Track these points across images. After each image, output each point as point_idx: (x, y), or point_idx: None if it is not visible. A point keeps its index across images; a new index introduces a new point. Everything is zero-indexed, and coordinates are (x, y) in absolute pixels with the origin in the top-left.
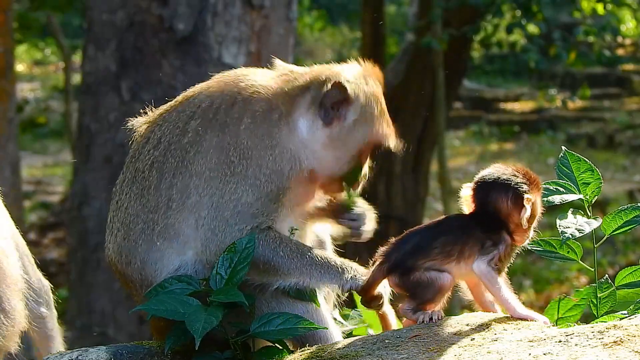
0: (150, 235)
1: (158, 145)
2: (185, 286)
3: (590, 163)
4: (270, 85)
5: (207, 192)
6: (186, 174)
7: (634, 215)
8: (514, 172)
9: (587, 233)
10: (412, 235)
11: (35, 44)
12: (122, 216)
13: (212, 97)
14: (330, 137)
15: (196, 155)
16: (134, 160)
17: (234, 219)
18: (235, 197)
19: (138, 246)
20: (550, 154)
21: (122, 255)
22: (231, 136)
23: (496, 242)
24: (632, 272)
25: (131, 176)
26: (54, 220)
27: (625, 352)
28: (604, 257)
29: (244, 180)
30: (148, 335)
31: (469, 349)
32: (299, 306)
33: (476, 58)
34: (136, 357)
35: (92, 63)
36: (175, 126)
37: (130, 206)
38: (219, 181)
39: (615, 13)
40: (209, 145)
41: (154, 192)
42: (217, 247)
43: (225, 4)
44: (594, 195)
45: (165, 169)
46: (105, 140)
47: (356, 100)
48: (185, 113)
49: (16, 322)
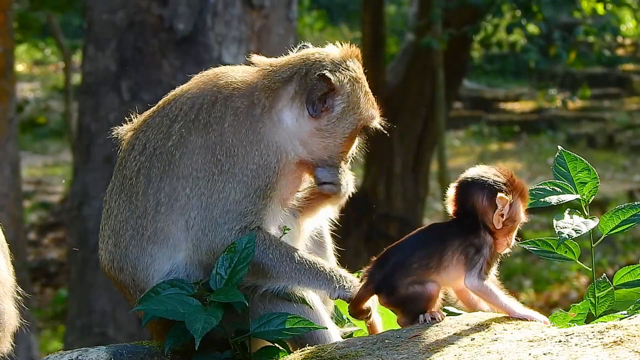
0: (140, 241)
1: (144, 151)
2: (178, 291)
3: (586, 162)
4: (250, 80)
5: (196, 193)
6: (173, 177)
7: (632, 214)
8: (495, 173)
9: (584, 233)
10: (391, 252)
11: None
12: (112, 223)
13: (193, 98)
14: (318, 128)
15: (182, 157)
16: (121, 168)
17: (223, 218)
18: (223, 195)
19: (129, 252)
20: (550, 154)
21: (114, 262)
22: (215, 135)
23: (479, 247)
24: (631, 272)
25: (119, 184)
26: (54, 220)
27: (625, 352)
28: (604, 257)
29: (232, 178)
30: (148, 335)
31: (469, 349)
32: (296, 306)
33: (476, 58)
34: (136, 357)
35: (92, 63)
36: (159, 131)
37: (119, 213)
38: (207, 180)
39: (615, 13)
40: (194, 146)
41: (142, 197)
42: (207, 247)
43: (225, 4)
44: (590, 195)
45: (152, 174)
46: (105, 140)
47: (342, 88)
48: (168, 117)
49: (7, 323)
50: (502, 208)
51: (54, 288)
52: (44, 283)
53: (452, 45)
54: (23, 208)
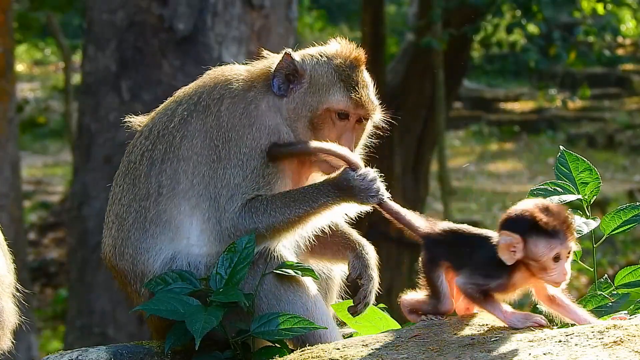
0: (142, 223)
1: (149, 135)
2: (186, 285)
3: (588, 162)
4: (250, 69)
5: (198, 180)
6: (174, 159)
7: (633, 214)
8: (525, 208)
9: (585, 233)
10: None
11: (35, 44)
12: (116, 208)
13: (198, 85)
14: (288, 109)
15: (183, 140)
16: (128, 154)
17: (230, 205)
18: (224, 183)
19: (131, 235)
20: (550, 154)
21: (115, 248)
22: (212, 118)
23: (488, 276)
24: (632, 272)
25: (124, 169)
26: (54, 220)
27: (625, 352)
28: (604, 257)
29: (229, 164)
30: (148, 335)
31: (469, 349)
32: (298, 304)
33: (476, 58)
34: (136, 357)
35: (92, 63)
36: (164, 114)
37: (123, 197)
38: (207, 168)
39: (615, 13)
40: (194, 128)
41: (144, 179)
42: (216, 233)
43: (225, 4)
44: (592, 195)
45: (155, 156)
46: (105, 140)
47: (304, 70)
48: (174, 101)
49: (6, 320)
50: (504, 244)
51: (54, 288)
52: (44, 283)
53: (452, 45)
54: (23, 208)
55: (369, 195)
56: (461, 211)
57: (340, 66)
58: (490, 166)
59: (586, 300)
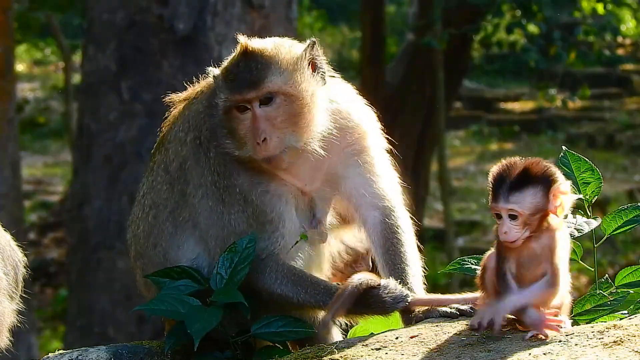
0: (177, 219)
1: (186, 136)
2: (190, 283)
3: (590, 163)
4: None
5: (208, 214)
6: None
7: (634, 214)
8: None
9: (586, 233)
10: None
11: (35, 44)
12: (154, 196)
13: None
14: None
15: (191, 169)
16: (165, 143)
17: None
18: (232, 229)
19: (165, 228)
20: (550, 154)
21: (149, 238)
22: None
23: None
24: (632, 272)
25: (164, 158)
26: (54, 220)
27: (625, 352)
28: (604, 257)
29: (232, 209)
30: (148, 335)
31: (469, 349)
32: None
33: (476, 58)
34: (136, 357)
35: (92, 63)
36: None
37: (161, 189)
38: (216, 204)
39: (615, 13)
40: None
41: (176, 182)
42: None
43: (225, 4)
44: (594, 195)
45: (186, 166)
46: (105, 140)
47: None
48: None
49: (3, 319)
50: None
51: (54, 288)
52: (44, 283)
53: (452, 45)
54: (23, 208)
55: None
56: (461, 211)
57: (225, 65)
58: (491, 166)
59: (585, 300)
